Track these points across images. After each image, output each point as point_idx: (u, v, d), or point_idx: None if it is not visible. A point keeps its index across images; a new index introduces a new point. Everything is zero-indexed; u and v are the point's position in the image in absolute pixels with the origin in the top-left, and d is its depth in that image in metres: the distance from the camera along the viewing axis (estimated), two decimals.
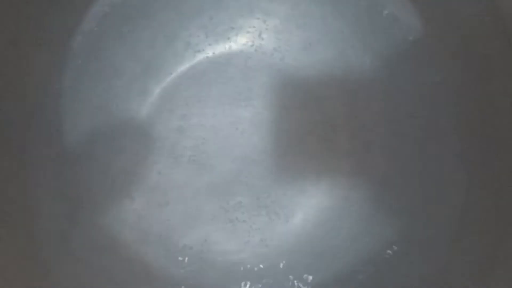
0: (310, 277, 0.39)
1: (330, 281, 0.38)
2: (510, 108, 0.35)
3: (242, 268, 0.39)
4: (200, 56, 0.40)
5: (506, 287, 0.32)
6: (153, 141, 0.40)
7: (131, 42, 0.40)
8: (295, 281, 0.39)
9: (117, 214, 0.39)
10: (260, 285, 0.38)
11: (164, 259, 0.39)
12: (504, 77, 0.35)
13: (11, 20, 0.37)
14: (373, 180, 0.39)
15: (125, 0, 0.40)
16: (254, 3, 0.40)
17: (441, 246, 0.37)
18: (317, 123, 0.39)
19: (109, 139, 0.40)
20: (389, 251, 0.38)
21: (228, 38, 0.40)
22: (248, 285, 0.38)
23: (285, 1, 0.40)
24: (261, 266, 0.39)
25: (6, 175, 0.38)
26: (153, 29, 0.40)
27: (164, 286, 0.38)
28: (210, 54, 0.40)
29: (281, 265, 0.39)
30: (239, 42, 0.40)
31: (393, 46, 0.39)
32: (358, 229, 0.39)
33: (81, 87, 0.40)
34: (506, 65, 0.35)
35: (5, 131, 0.38)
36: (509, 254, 0.32)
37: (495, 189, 0.35)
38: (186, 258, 0.39)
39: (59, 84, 0.40)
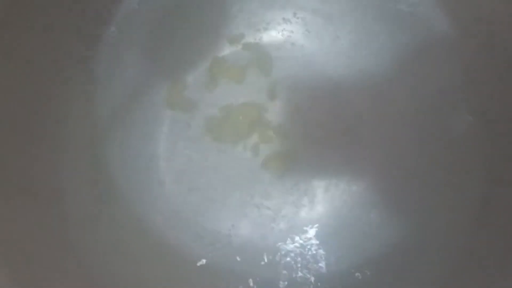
0: (331, 266, 0.39)
1: (348, 271, 0.39)
2: None
3: (267, 254, 0.40)
4: (231, 46, 0.41)
5: None
6: (184, 128, 0.41)
7: (165, 32, 0.41)
8: (316, 269, 0.40)
9: (147, 198, 0.40)
10: (284, 272, 0.39)
11: (192, 243, 0.40)
12: None
13: (47, 6, 0.38)
14: (397, 172, 0.40)
15: None
16: None
17: (456, 245, 0.38)
18: (343, 115, 0.40)
19: (140, 125, 0.41)
20: (403, 247, 0.39)
21: (258, 30, 0.41)
22: (273, 271, 0.39)
23: None
24: (285, 252, 0.40)
25: (40, 159, 0.38)
26: (185, 20, 0.41)
27: (191, 269, 0.39)
28: (240, 44, 0.41)
29: (304, 252, 0.40)
30: (269, 34, 0.41)
31: (419, 41, 0.40)
32: (380, 220, 0.39)
33: (114, 74, 0.41)
34: None
35: (39, 115, 0.39)
36: None
37: None
38: (214, 243, 0.40)
39: (92, 70, 0.41)
